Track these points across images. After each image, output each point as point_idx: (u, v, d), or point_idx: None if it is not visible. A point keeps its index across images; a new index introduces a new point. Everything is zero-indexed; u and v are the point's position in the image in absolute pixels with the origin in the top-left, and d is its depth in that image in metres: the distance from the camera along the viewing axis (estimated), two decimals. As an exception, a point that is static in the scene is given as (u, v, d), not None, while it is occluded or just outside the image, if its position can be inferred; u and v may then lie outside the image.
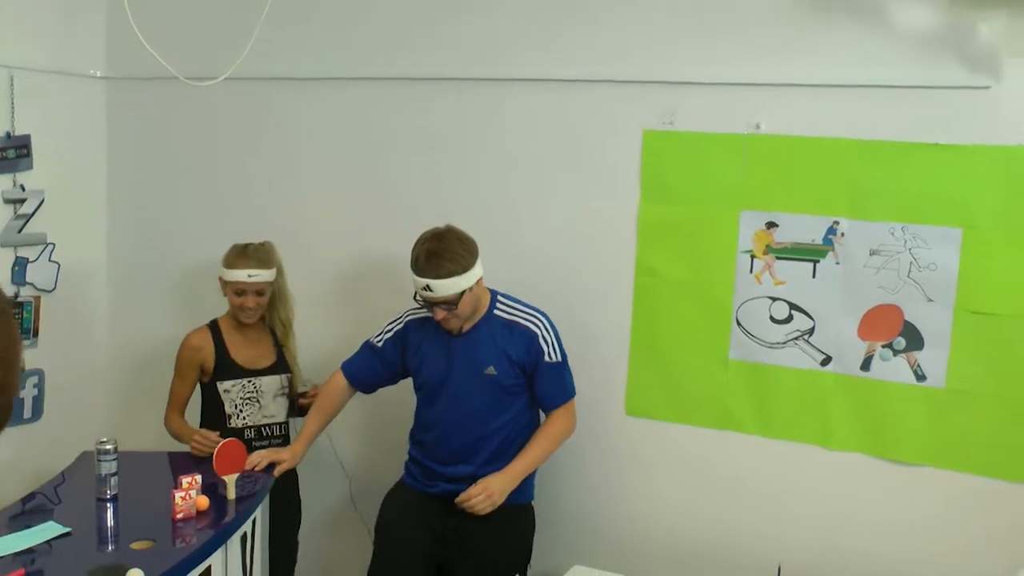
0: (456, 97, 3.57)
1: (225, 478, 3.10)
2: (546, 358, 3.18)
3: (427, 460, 3.29)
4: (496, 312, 3.21)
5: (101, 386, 4.27)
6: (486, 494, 3.10)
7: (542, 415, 3.30)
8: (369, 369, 3.38)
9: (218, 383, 3.54)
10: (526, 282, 3.38)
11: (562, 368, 3.23)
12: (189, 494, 2.95)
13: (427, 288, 3.04)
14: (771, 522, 3.25)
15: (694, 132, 3.23)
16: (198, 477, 3.01)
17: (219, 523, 2.94)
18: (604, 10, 3.31)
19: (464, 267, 3.05)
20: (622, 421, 3.46)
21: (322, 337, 3.83)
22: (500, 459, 3.20)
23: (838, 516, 3.18)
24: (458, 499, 3.12)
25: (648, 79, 3.26)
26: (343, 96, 3.77)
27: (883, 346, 3.07)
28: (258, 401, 3.56)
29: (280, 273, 3.60)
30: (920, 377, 3.04)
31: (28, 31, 3.82)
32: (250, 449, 3.32)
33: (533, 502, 3.33)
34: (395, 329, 3.33)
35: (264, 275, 3.50)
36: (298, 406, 3.65)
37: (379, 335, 3.35)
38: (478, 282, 3.11)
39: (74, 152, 4.09)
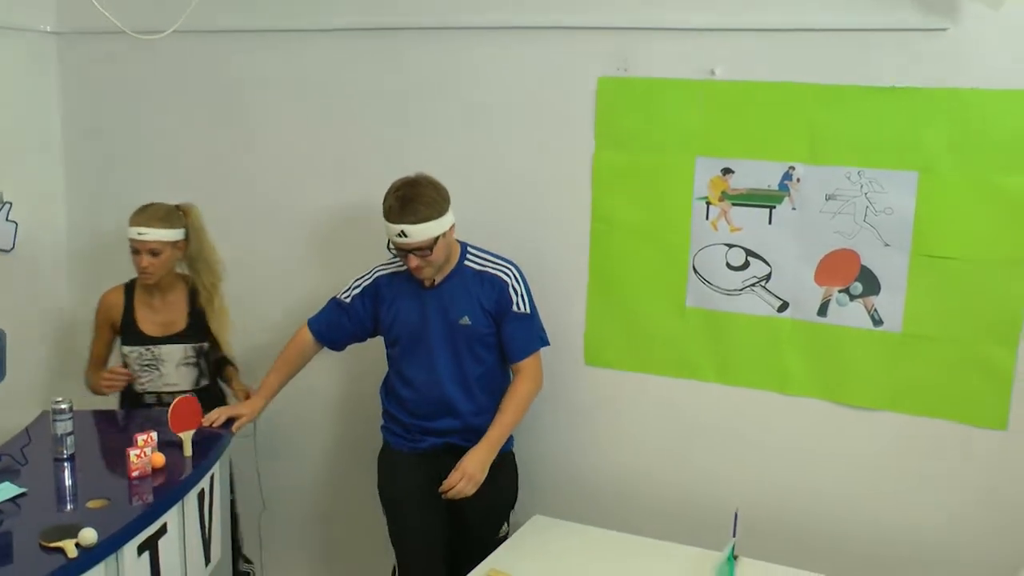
0: (414, 47, 3.52)
1: (181, 435, 3.09)
2: (514, 308, 3.19)
3: (409, 417, 3.28)
4: (467, 263, 3.20)
5: (62, 346, 4.25)
6: (467, 478, 3.08)
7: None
8: (337, 326, 3.36)
9: (122, 346, 3.56)
10: (486, 231, 3.36)
11: (531, 320, 3.23)
12: (144, 451, 2.94)
13: (402, 234, 3.02)
14: (731, 467, 3.28)
15: (649, 78, 3.20)
16: (154, 435, 3.01)
17: (175, 480, 2.94)
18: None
19: (438, 212, 3.04)
20: (581, 371, 3.45)
21: (297, 297, 3.80)
22: (488, 409, 3.21)
23: (796, 461, 3.20)
24: (441, 488, 3.10)
25: (602, 25, 3.21)
26: (301, 48, 3.70)
27: (840, 291, 3.07)
28: (157, 368, 3.53)
29: (198, 236, 3.53)
30: (877, 322, 3.04)
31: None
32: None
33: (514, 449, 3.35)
34: (363, 285, 3.30)
35: (156, 234, 3.42)
36: (225, 375, 3.64)
37: (346, 291, 3.32)
38: (451, 229, 3.11)
39: (27, 109, 4.02)
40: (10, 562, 2.44)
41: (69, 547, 2.47)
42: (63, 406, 3.03)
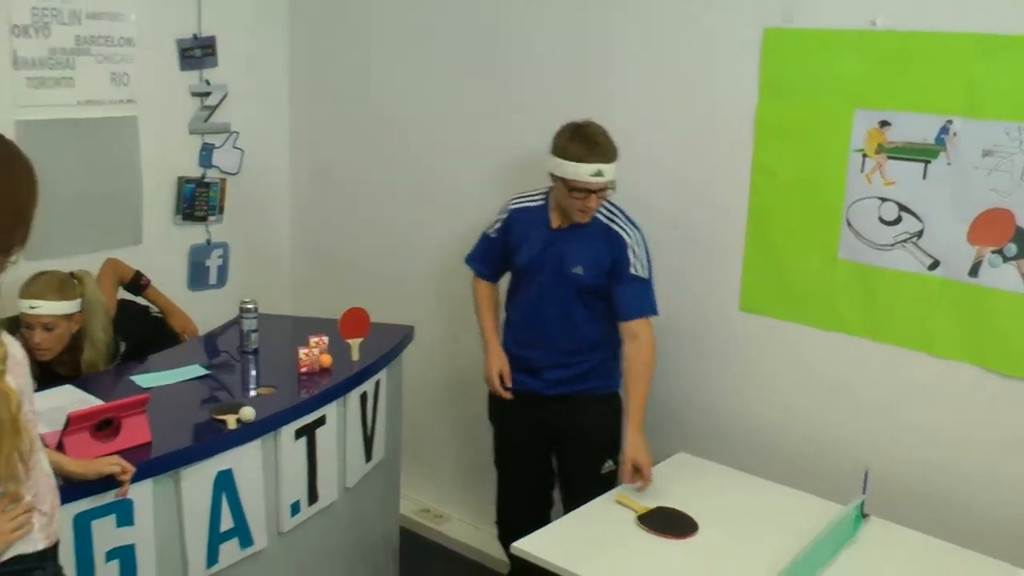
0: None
1: (349, 341, 3.43)
2: (631, 269, 3.25)
3: (510, 344, 3.46)
4: (597, 215, 3.28)
5: (279, 259, 4.76)
6: (640, 466, 3.11)
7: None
8: (490, 258, 3.53)
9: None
10: (649, 178, 3.49)
11: (646, 284, 3.28)
12: (312, 351, 3.31)
13: (599, 173, 3.13)
14: (867, 426, 3.25)
15: (812, 29, 3.20)
16: (325, 339, 3.37)
17: (337, 379, 3.28)
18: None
19: (616, 155, 3.19)
20: (735, 317, 3.51)
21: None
22: (583, 355, 3.33)
23: (935, 426, 3.12)
24: (625, 484, 3.15)
25: (768, -24, 3.25)
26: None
27: (993, 252, 2.97)
28: None
29: (91, 308, 3.39)
30: (1030, 286, 2.93)
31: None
32: None
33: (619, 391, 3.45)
34: (503, 218, 3.47)
35: (51, 307, 3.26)
36: None
37: (492, 225, 3.51)
38: None
39: (257, 50, 4.53)
40: (183, 427, 2.87)
41: (231, 420, 2.86)
42: (250, 306, 3.46)
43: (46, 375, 3.34)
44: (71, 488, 2.39)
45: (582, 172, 3.14)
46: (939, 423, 3.12)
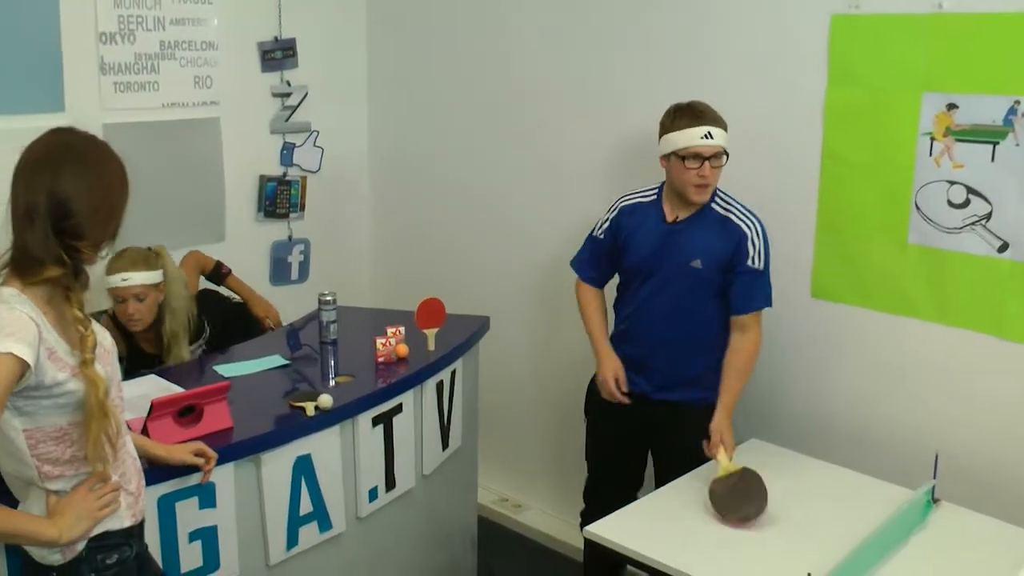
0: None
1: (425, 331, 3.53)
2: (749, 262, 3.22)
3: (619, 344, 3.43)
4: (713, 205, 3.27)
5: (359, 254, 4.89)
6: (727, 440, 3.16)
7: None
8: (597, 262, 3.48)
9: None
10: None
11: (762, 276, 3.26)
12: (390, 341, 3.41)
13: (708, 135, 3.13)
14: (938, 411, 3.24)
15: (879, 14, 3.20)
16: (402, 329, 3.46)
17: (414, 369, 3.37)
18: None
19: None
20: (807, 303, 3.52)
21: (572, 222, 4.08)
22: (696, 353, 3.31)
23: (1007, 410, 3.10)
24: (709, 452, 3.16)
25: (835, -38, 3.26)
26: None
27: (1063, 232, 2.96)
28: None
29: (170, 279, 3.60)
30: (1102, 266, 2.90)
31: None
32: None
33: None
34: (610, 217, 3.42)
35: (141, 278, 3.48)
36: None
37: (598, 226, 3.47)
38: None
39: (336, 51, 4.66)
40: (263, 414, 2.99)
41: (309, 408, 2.97)
42: (329, 299, 3.57)
43: (132, 354, 3.58)
44: (156, 471, 2.53)
45: (693, 136, 3.14)
46: (1011, 406, 3.10)
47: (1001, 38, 2.96)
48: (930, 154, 3.16)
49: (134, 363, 3.54)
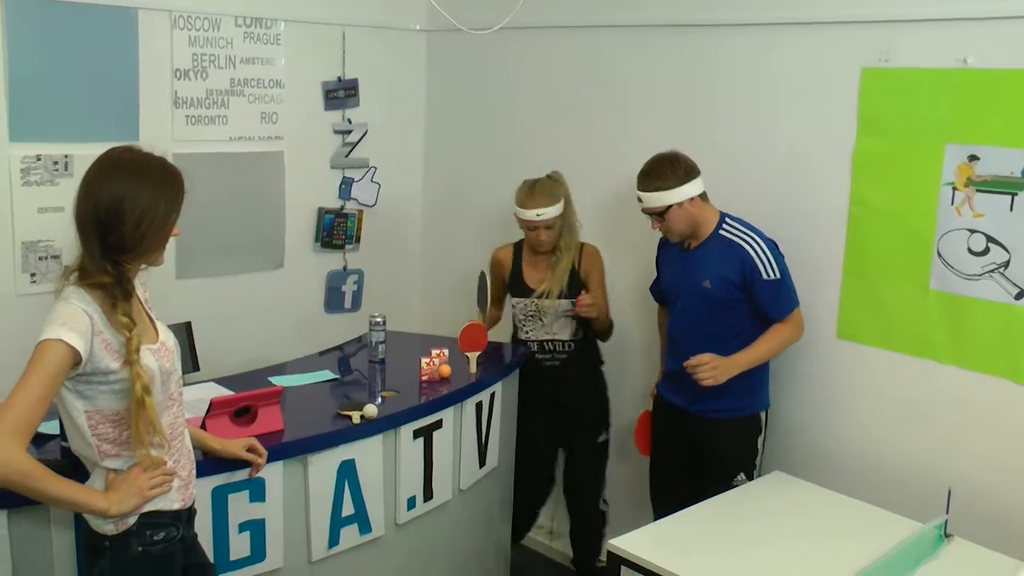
0: (698, 41, 3.95)
1: (468, 355, 3.74)
2: (763, 276, 3.47)
3: (669, 360, 3.76)
4: (721, 231, 3.55)
5: (411, 285, 5.13)
6: (712, 365, 3.40)
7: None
8: (657, 285, 3.91)
9: (511, 297, 4.12)
10: (749, 209, 3.69)
11: (780, 284, 3.50)
12: (433, 362, 3.62)
13: (639, 199, 3.53)
14: (954, 450, 3.36)
15: (906, 68, 3.38)
16: (445, 351, 3.68)
17: (455, 388, 3.58)
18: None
19: (671, 184, 3.46)
20: (832, 343, 3.68)
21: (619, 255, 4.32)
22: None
23: (1020, 450, 3.22)
24: (688, 361, 3.44)
25: (866, 19, 3.44)
26: (601, 42, 4.28)
27: (1077, 281, 3.09)
28: (540, 319, 4.04)
29: (568, 203, 4.00)
30: (1114, 314, 3.03)
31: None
32: (532, 361, 4.04)
33: (763, 412, 3.67)
34: (657, 248, 3.85)
35: (551, 211, 3.89)
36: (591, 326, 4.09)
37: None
38: (691, 201, 3.49)
39: (396, 91, 4.93)
40: (312, 419, 3.20)
41: (355, 416, 3.18)
42: (378, 320, 3.80)
43: (517, 285, 4.08)
44: (210, 463, 2.75)
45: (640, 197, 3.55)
46: (1022, 447, 3.22)
47: (1021, 94, 3.13)
48: (952, 203, 3.31)
49: (513, 288, 4.11)
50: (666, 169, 3.48)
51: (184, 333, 3.90)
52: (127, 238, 2.28)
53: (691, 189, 3.49)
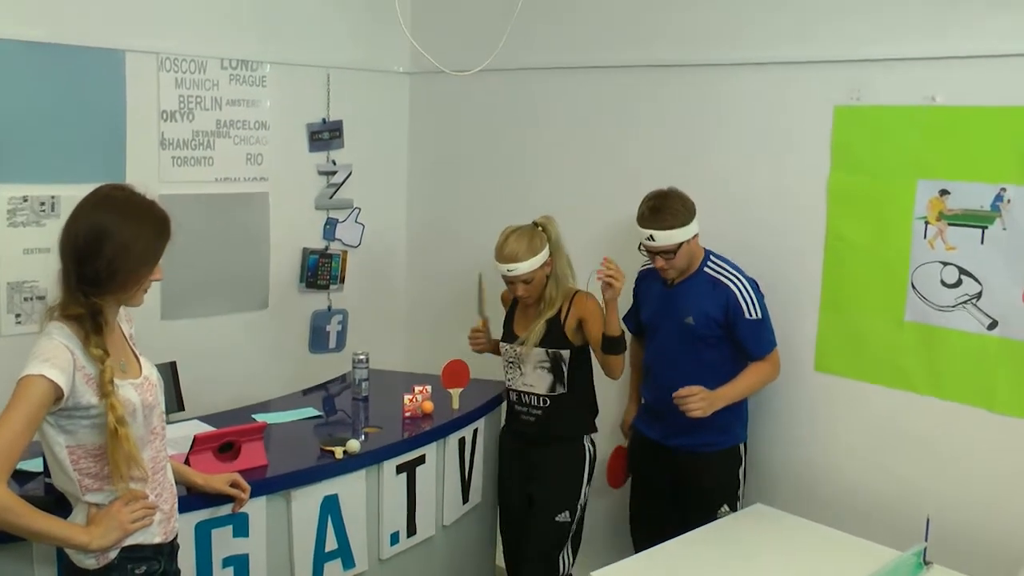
0: (676, 81, 4.03)
1: (450, 391, 3.77)
2: (746, 315, 3.54)
3: (644, 392, 3.81)
4: (706, 268, 3.62)
5: (395, 325, 5.17)
6: (701, 396, 3.43)
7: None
8: (633, 317, 3.88)
9: (500, 341, 3.90)
10: (731, 244, 3.75)
11: (761, 324, 3.57)
12: (416, 398, 3.65)
13: (650, 238, 3.51)
14: (932, 477, 3.40)
15: (878, 106, 3.46)
16: (428, 388, 3.71)
17: (438, 424, 3.61)
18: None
19: (682, 222, 3.51)
20: (811, 376, 3.72)
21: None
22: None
23: (996, 479, 3.27)
24: (677, 393, 3.44)
25: (839, 58, 3.52)
26: (580, 82, 4.36)
27: (1048, 311, 3.15)
28: (520, 367, 3.78)
29: (556, 251, 3.72)
30: (1084, 343, 3.09)
31: (342, 37, 4.79)
32: (512, 412, 3.83)
33: (741, 445, 3.71)
34: (635, 281, 3.88)
35: (524, 267, 3.61)
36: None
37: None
38: (694, 238, 3.55)
39: (380, 133, 5.00)
40: (296, 455, 3.22)
41: (338, 451, 3.21)
42: (361, 357, 3.84)
43: (505, 329, 3.86)
44: (194, 498, 2.77)
45: (642, 235, 3.54)
46: (1002, 477, 3.26)
47: (989, 130, 3.21)
48: (925, 237, 3.38)
49: (505, 335, 3.86)
50: (677, 206, 3.53)
51: (169, 373, 3.92)
52: (101, 271, 2.30)
53: (696, 226, 3.56)
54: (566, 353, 3.70)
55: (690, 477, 3.66)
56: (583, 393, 3.79)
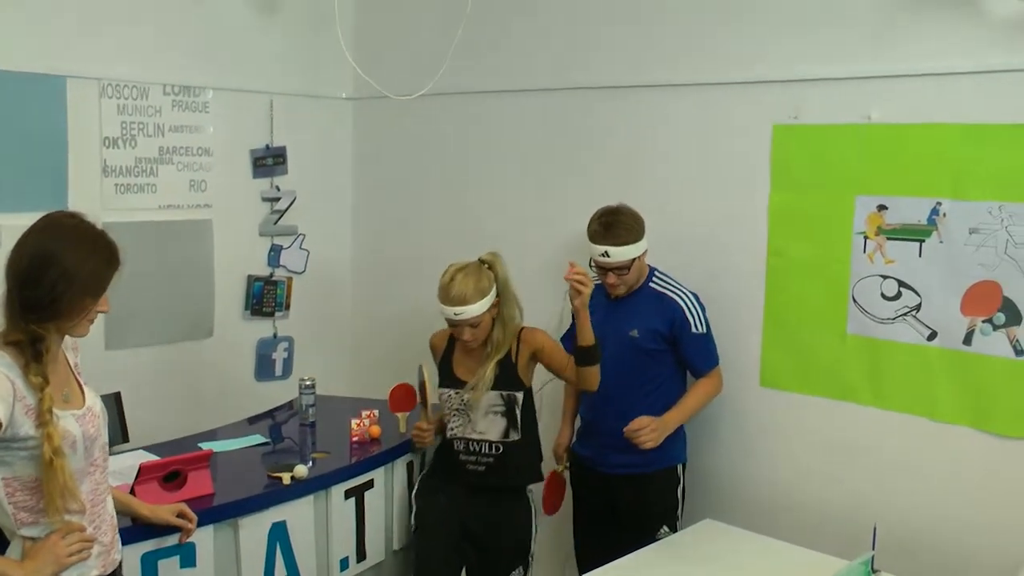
0: (617, 103, 4.07)
1: (397, 415, 3.75)
2: (692, 330, 3.58)
3: (583, 409, 3.79)
4: (651, 284, 3.66)
5: (341, 352, 5.14)
6: (652, 427, 3.47)
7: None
8: (571, 335, 3.65)
9: (439, 388, 3.61)
10: (674, 262, 3.79)
11: (707, 338, 3.63)
12: (363, 423, 3.63)
13: (605, 255, 3.51)
14: (878, 487, 3.46)
15: (815, 124, 3.53)
16: (376, 412, 3.69)
17: (386, 448, 3.60)
18: (732, 19, 3.71)
19: (635, 237, 3.53)
20: (756, 391, 3.77)
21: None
22: (623, 426, 3.53)
23: (940, 485, 3.33)
24: (628, 428, 3.47)
25: (775, 78, 3.60)
26: (522, 105, 4.39)
27: (983, 321, 3.21)
28: (468, 415, 3.52)
29: (503, 291, 3.50)
30: (1019, 352, 3.15)
31: (285, 63, 4.78)
32: (456, 462, 3.51)
33: (680, 465, 3.72)
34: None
35: (473, 310, 3.37)
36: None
37: None
38: (644, 253, 3.58)
39: (324, 159, 4.99)
40: (242, 482, 3.19)
41: (285, 477, 3.19)
42: (308, 383, 3.81)
43: (445, 375, 3.58)
44: (140, 529, 2.73)
45: (595, 252, 3.54)
46: (944, 483, 3.33)
47: (922, 146, 3.29)
48: (864, 251, 3.45)
49: (443, 377, 3.59)
50: (630, 222, 3.55)
51: (114, 403, 3.85)
52: (43, 298, 2.26)
53: (646, 242, 3.59)
54: (519, 395, 3.50)
55: (628, 499, 3.65)
56: (533, 437, 3.60)
